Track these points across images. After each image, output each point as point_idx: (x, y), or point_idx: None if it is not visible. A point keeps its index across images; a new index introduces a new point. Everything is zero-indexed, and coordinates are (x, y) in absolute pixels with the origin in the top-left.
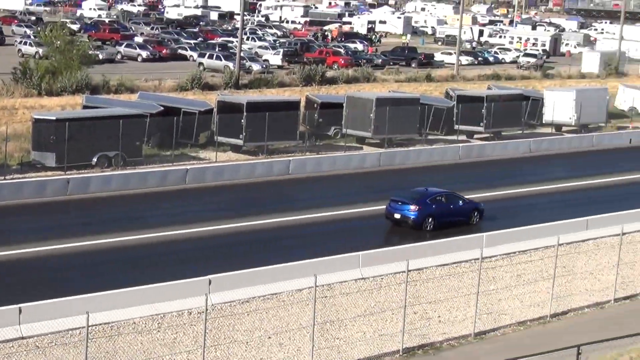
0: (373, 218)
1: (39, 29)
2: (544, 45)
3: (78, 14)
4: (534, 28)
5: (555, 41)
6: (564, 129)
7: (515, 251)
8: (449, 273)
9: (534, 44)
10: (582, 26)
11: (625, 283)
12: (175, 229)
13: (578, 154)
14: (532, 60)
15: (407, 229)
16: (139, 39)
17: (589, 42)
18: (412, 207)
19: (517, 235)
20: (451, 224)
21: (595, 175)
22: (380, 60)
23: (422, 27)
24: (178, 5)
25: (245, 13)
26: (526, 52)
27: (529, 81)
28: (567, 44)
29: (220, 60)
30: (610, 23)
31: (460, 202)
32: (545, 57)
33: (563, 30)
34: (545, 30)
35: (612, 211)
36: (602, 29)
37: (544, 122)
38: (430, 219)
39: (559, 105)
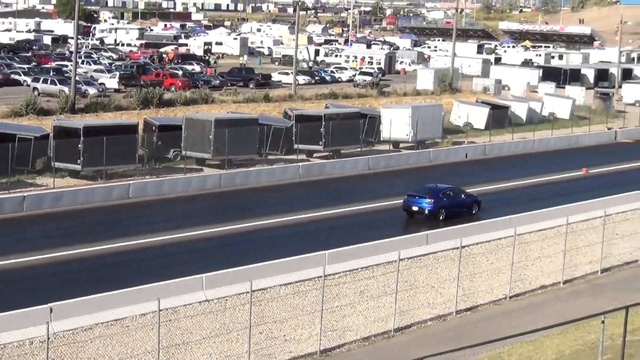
0: (219, 238)
1: None
2: (379, 63)
3: None
4: (368, 47)
5: (390, 59)
6: (401, 145)
7: (357, 268)
8: (293, 292)
9: (369, 63)
10: (415, 44)
11: (466, 295)
12: (13, 258)
13: (416, 169)
14: (368, 78)
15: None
16: None
17: (423, 59)
18: (428, 200)
19: (359, 252)
20: (457, 214)
21: None
22: (218, 81)
23: (259, 47)
24: (10, 30)
25: (80, 37)
26: (362, 70)
27: (365, 99)
28: (401, 62)
29: (55, 84)
30: (443, 40)
31: (463, 195)
32: (380, 75)
33: (397, 48)
34: (380, 48)
35: (450, 225)
36: (435, 47)
37: (381, 139)
38: (442, 210)
39: (396, 122)
